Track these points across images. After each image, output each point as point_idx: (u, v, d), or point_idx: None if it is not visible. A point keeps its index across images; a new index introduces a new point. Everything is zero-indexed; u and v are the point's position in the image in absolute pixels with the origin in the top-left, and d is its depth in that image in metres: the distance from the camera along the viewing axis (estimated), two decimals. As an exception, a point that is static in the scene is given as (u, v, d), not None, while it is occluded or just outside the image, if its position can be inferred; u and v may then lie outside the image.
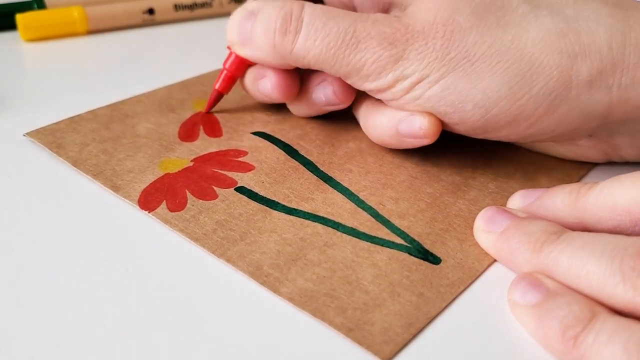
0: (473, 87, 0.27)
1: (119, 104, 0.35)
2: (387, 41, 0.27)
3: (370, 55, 0.27)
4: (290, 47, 0.29)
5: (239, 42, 0.31)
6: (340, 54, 0.28)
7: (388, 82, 0.28)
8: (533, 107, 0.27)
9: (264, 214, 0.27)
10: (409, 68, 0.27)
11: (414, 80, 0.27)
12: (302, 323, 0.22)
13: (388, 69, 0.27)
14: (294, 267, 0.24)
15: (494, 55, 0.26)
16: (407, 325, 0.22)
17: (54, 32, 0.44)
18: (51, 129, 0.32)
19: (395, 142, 0.30)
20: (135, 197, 0.28)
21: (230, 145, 0.32)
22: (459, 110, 0.27)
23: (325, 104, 0.32)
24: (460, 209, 0.28)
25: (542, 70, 0.26)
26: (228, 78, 0.33)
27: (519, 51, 0.26)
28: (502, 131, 0.28)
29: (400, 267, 0.25)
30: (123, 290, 0.23)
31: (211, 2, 0.49)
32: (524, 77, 0.26)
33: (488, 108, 0.27)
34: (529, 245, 0.23)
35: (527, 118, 0.27)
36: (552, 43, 0.26)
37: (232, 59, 0.33)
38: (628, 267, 0.20)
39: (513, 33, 0.27)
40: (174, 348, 0.21)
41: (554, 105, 0.27)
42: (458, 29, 0.27)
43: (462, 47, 0.27)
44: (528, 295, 0.22)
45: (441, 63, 0.27)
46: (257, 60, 0.31)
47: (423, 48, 0.27)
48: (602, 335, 0.20)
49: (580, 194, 0.25)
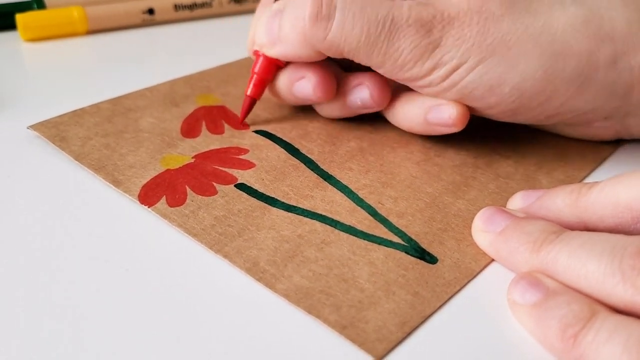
0: (511, 70, 0.28)
1: (122, 98, 0.35)
2: (425, 29, 0.28)
3: (408, 44, 0.28)
4: (324, 34, 0.28)
5: (268, 42, 0.31)
6: (379, 43, 0.28)
7: (425, 70, 0.28)
8: (565, 86, 0.28)
9: (263, 210, 0.27)
10: (446, 55, 0.28)
11: (452, 67, 0.28)
12: (297, 320, 0.22)
13: (426, 56, 0.28)
14: (290, 264, 0.24)
15: (528, 40, 0.28)
16: (401, 324, 0.22)
17: (54, 32, 0.44)
18: (54, 122, 0.32)
19: (423, 130, 0.31)
20: (135, 192, 0.28)
21: (232, 143, 0.32)
22: (496, 94, 0.28)
23: (361, 107, 0.32)
24: (459, 209, 0.28)
25: (573, 52, 0.28)
26: (259, 82, 0.32)
27: (551, 35, 0.28)
28: (533, 112, 0.29)
29: (397, 266, 0.25)
30: (120, 286, 0.23)
31: (211, 2, 0.49)
32: (557, 59, 0.28)
33: (525, 89, 0.28)
34: (527, 245, 0.23)
35: (558, 97, 0.29)
36: (580, 29, 0.28)
37: (260, 63, 0.32)
38: (628, 266, 0.21)
39: (544, 20, 0.28)
40: (168, 342, 0.21)
41: (583, 86, 0.28)
42: (491, 17, 0.28)
43: (497, 33, 0.28)
44: (527, 294, 0.22)
45: (479, 49, 0.28)
46: (287, 57, 0.31)
47: (460, 34, 0.28)
48: (601, 334, 0.20)
49: (581, 193, 0.25)
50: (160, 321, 0.22)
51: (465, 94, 0.29)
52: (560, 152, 0.33)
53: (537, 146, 0.33)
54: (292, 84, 0.32)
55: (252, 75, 0.33)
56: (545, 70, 0.28)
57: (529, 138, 0.34)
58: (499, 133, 0.34)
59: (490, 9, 0.28)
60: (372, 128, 0.34)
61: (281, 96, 0.33)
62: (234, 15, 0.51)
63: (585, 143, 0.33)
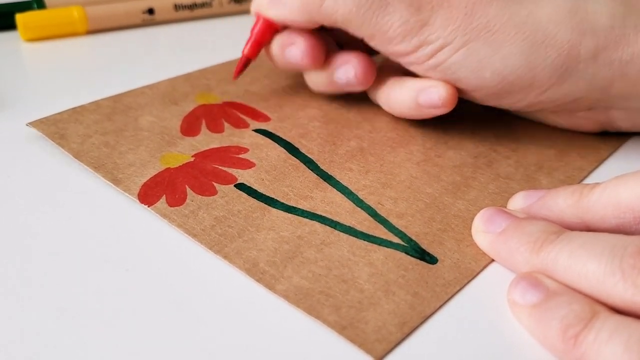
0: (493, 54, 0.29)
1: (122, 96, 0.35)
2: (414, 6, 0.29)
3: (398, 19, 0.29)
4: (320, 2, 0.30)
5: (268, 3, 0.32)
6: (370, 15, 0.29)
7: (412, 47, 0.29)
8: (546, 76, 0.29)
9: (263, 211, 0.27)
10: (433, 34, 0.29)
11: (437, 47, 0.29)
12: (297, 320, 0.22)
13: (413, 33, 0.29)
14: (290, 264, 0.24)
15: (512, 27, 0.29)
16: (400, 324, 0.22)
17: (54, 32, 0.44)
18: (54, 119, 0.32)
19: (416, 114, 0.32)
20: (135, 190, 0.28)
21: (232, 142, 0.32)
22: (478, 77, 0.29)
23: (345, 85, 0.33)
24: (459, 209, 0.28)
25: (555, 43, 0.29)
26: (255, 43, 0.34)
27: (535, 24, 0.29)
28: (514, 97, 0.30)
29: (397, 267, 0.25)
30: (118, 285, 0.23)
31: (211, 2, 0.49)
32: (539, 48, 0.29)
33: (505, 75, 0.29)
34: (528, 245, 0.23)
35: (539, 86, 0.29)
36: (564, 19, 0.29)
37: (259, 25, 0.33)
38: (628, 266, 0.21)
39: (530, 8, 0.29)
40: (168, 343, 0.21)
41: (563, 77, 0.29)
42: (479, 2, 0.29)
43: (483, 18, 0.29)
44: (528, 295, 0.22)
45: (464, 32, 0.29)
46: (284, 20, 0.32)
47: (448, 16, 0.29)
48: (602, 334, 0.20)
49: (583, 194, 0.25)
50: (160, 322, 0.22)
51: (448, 74, 0.30)
52: (561, 152, 0.33)
53: (537, 146, 0.33)
54: (284, 49, 0.33)
55: (251, 35, 0.34)
56: (527, 57, 0.29)
57: (529, 138, 0.34)
58: (499, 133, 0.34)
59: None
60: (372, 128, 0.34)
61: (274, 59, 0.34)
62: (234, 15, 0.50)
63: (586, 143, 0.33)
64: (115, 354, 0.21)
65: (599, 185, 0.25)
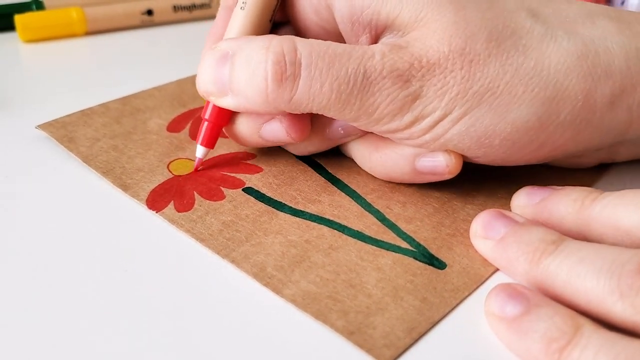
0: (500, 120, 0.25)
1: (130, 97, 0.35)
2: (402, 79, 0.25)
3: (385, 98, 0.25)
4: (289, 95, 0.25)
5: (217, 91, 0.27)
6: (352, 99, 0.25)
7: (404, 124, 0.26)
8: (560, 133, 0.26)
9: (271, 215, 0.27)
10: (428, 106, 0.25)
11: (435, 119, 0.25)
12: (304, 325, 0.22)
13: (405, 109, 0.25)
14: (297, 269, 0.24)
15: (518, 84, 0.25)
16: (409, 330, 0.22)
17: (53, 33, 0.44)
18: (63, 122, 0.32)
19: (408, 178, 0.28)
20: (143, 197, 0.28)
21: (240, 147, 0.32)
22: (484, 145, 0.26)
23: (344, 136, 0.29)
24: (468, 213, 0.28)
25: (568, 95, 0.25)
26: (211, 130, 0.29)
27: (544, 78, 0.25)
28: (523, 159, 0.27)
29: (405, 272, 0.25)
30: (125, 290, 0.23)
31: (210, 3, 0.49)
32: (551, 105, 0.25)
33: (516, 140, 0.26)
34: (527, 255, 0.23)
35: (552, 143, 0.26)
36: (574, 66, 0.25)
37: (211, 108, 0.28)
38: (626, 286, 0.20)
39: (535, 58, 0.25)
40: (175, 347, 0.21)
41: (579, 130, 0.26)
42: (477, 59, 0.25)
43: (484, 79, 0.25)
44: (508, 307, 0.22)
45: (464, 99, 0.25)
46: (242, 109, 0.27)
47: (442, 83, 0.25)
48: (588, 351, 0.19)
49: (584, 205, 0.24)
50: (168, 325, 0.22)
51: (450, 146, 0.26)
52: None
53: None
54: (259, 127, 0.28)
55: (202, 122, 0.29)
56: (539, 117, 0.25)
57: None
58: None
59: (475, 49, 0.25)
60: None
61: (243, 140, 0.29)
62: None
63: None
64: (117, 355, 0.21)
65: (600, 198, 0.24)
